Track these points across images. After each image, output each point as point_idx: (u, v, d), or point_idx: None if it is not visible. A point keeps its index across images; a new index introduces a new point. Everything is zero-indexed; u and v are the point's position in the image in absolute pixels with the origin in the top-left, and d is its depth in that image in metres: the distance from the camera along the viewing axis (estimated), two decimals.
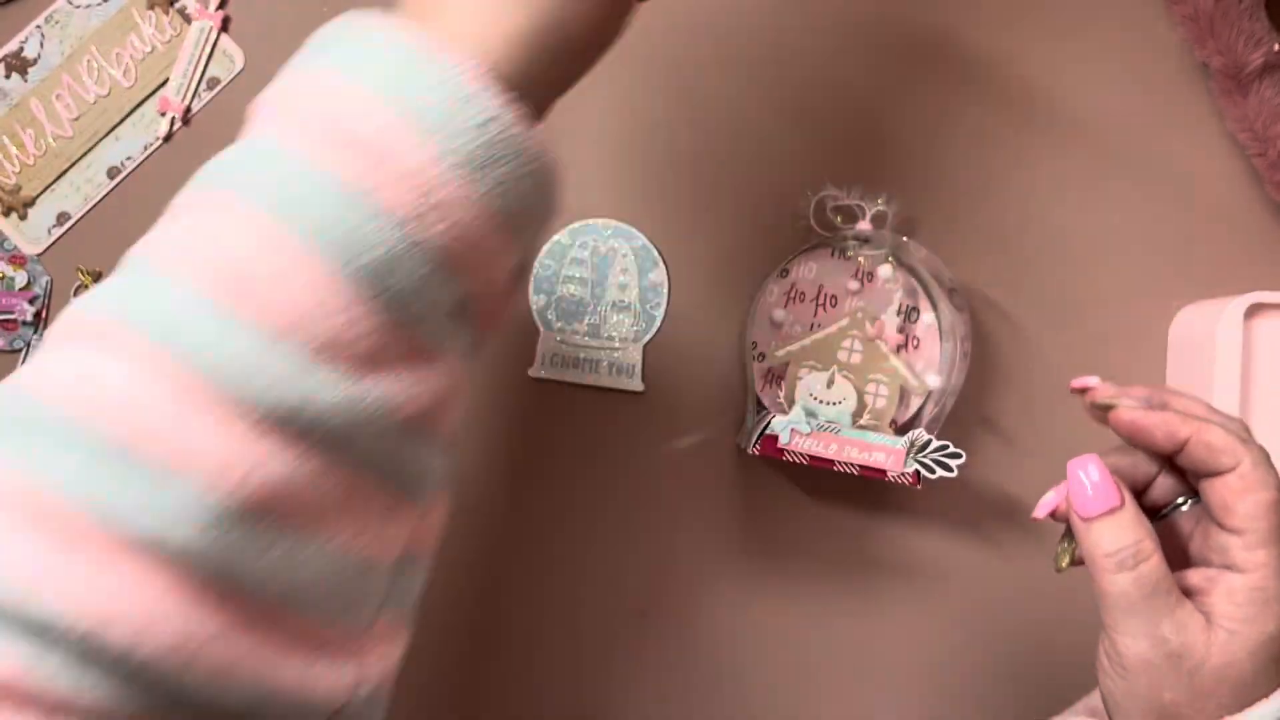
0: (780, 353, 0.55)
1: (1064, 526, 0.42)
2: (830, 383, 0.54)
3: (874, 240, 0.55)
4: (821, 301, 0.56)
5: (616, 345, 0.58)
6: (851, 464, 0.51)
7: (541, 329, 0.58)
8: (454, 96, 0.31)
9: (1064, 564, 0.42)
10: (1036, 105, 0.60)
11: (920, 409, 0.56)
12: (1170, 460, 0.40)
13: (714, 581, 0.59)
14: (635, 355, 0.58)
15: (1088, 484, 0.39)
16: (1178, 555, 0.40)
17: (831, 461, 0.52)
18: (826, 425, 0.52)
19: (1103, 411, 0.41)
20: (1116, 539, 0.38)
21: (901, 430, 0.55)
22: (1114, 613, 0.38)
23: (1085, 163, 0.59)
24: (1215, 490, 0.38)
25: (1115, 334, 0.59)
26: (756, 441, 0.52)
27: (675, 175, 0.59)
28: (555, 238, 0.59)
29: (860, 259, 0.56)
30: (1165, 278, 0.59)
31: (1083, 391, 0.42)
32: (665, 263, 0.59)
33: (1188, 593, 0.38)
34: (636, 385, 0.58)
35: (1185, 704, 0.37)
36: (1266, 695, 0.36)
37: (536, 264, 0.58)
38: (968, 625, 0.58)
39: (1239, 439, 0.38)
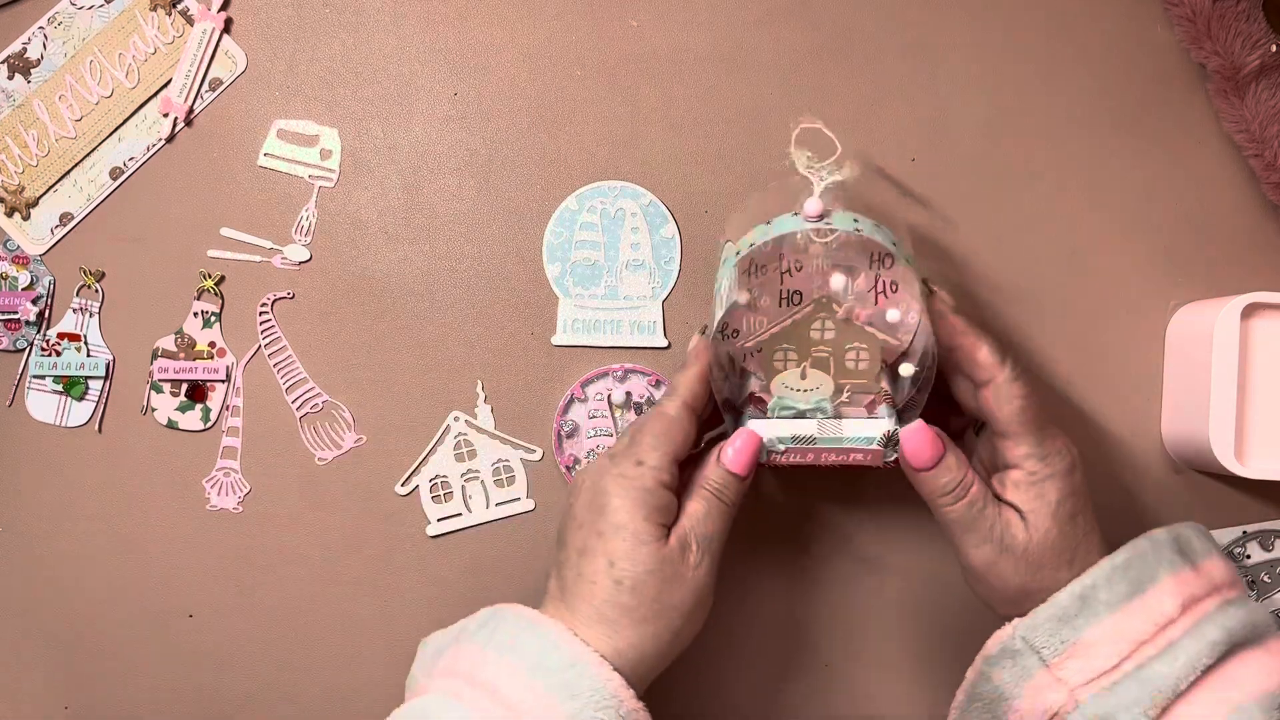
0: (750, 344, 0.52)
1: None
2: (803, 375, 0.53)
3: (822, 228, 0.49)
4: (785, 269, 0.50)
5: (635, 304, 0.58)
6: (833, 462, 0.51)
7: (560, 296, 0.59)
8: (588, 683, 0.44)
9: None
10: (1034, 105, 0.60)
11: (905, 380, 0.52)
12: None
13: None
14: (655, 312, 0.58)
15: (919, 441, 0.48)
16: (978, 470, 0.50)
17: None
18: (800, 439, 0.51)
19: None
20: (948, 478, 0.48)
21: (898, 411, 0.53)
22: (957, 533, 0.48)
23: (1082, 163, 0.60)
24: (984, 401, 0.48)
25: (1113, 333, 0.60)
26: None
27: (670, 171, 0.59)
28: (563, 204, 0.59)
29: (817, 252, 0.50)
30: (1163, 278, 0.60)
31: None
32: (675, 218, 0.59)
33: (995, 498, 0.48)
34: (659, 341, 0.59)
35: (1032, 579, 0.47)
36: (1074, 545, 0.47)
37: (548, 232, 0.59)
38: (963, 618, 0.58)
39: (998, 359, 0.48)
